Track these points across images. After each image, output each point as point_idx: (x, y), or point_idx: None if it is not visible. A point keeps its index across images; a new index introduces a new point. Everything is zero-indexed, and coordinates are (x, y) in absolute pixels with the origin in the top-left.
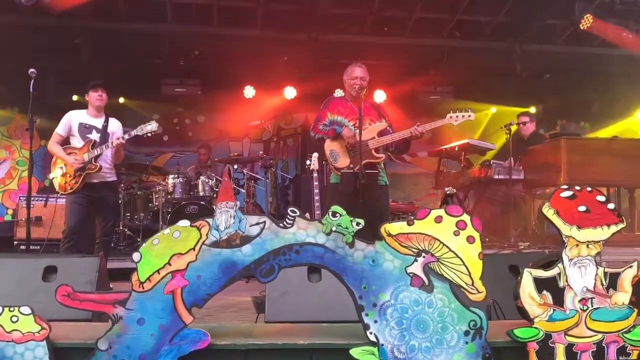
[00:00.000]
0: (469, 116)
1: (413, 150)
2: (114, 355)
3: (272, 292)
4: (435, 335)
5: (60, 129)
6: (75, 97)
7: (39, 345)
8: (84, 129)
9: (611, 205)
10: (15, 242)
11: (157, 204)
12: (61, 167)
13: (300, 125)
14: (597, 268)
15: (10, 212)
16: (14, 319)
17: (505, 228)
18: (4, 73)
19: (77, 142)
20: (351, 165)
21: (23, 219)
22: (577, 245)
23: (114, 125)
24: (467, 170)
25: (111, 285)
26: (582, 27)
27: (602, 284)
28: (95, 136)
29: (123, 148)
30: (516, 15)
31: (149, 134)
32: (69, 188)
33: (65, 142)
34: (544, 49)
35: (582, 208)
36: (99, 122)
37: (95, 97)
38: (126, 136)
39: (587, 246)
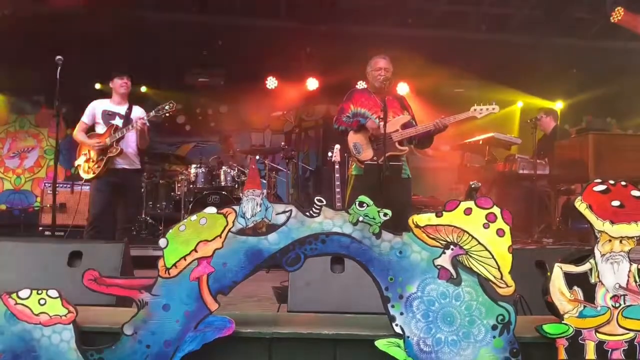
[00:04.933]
0: (493, 109)
1: (436, 143)
2: (139, 340)
3: (294, 283)
4: (462, 329)
5: (85, 117)
6: (98, 86)
7: (65, 328)
8: (107, 115)
9: None
10: (40, 228)
11: (179, 193)
12: (85, 154)
13: (322, 117)
14: (631, 264)
15: (39, 199)
16: (42, 301)
17: (529, 224)
18: (30, 62)
19: (100, 128)
20: (375, 158)
21: (48, 205)
22: (610, 240)
23: (138, 112)
24: (491, 165)
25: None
26: (613, 20)
27: (636, 281)
28: (118, 122)
29: (148, 132)
30: (544, 9)
31: (167, 114)
32: (91, 173)
33: (90, 130)
34: (572, 43)
35: (615, 203)
36: (122, 109)
37: (119, 83)
38: (145, 117)
39: (621, 242)
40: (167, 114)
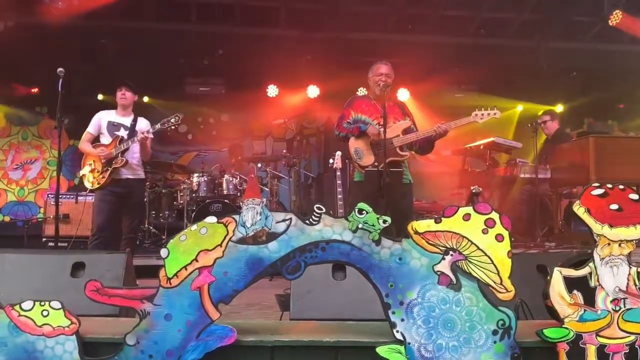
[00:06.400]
0: (495, 114)
1: (437, 149)
2: (141, 350)
3: (296, 290)
4: (462, 335)
5: (90, 128)
6: (100, 97)
7: (68, 339)
8: (112, 126)
9: None
10: (44, 239)
11: (181, 202)
12: (90, 164)
13: (323, 124)
14: (630, 268)
15: (42, 211)
16: (45, 313)
17: (531, 228)
18: (33, 74)
19: (106, 139)
20: (376, 164)
21: (51, 217)
22: (609, 244)
23: (142, 124)
24: (492, 169)
25: (137, 282)
26: (611, 23)
27: (636, 284)
28: (123, 133)
29: (150, 144)
30: (543, 12)
31: (172, 127)
32: (96, 183)
33: (96, 140)
34: (571, 47)
35: (614, 206)
36: (127, 121)
37: (119, 96)
38: (151, 130)
39: (619, 245)
40: (173, 127)
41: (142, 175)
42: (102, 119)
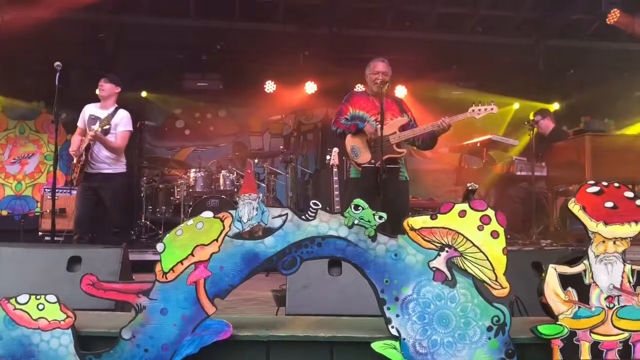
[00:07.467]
0: (492, 109)
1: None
2: (137, 344)
3: (292, 286)
4: (457, 331)
5: (79, 122)
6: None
7: (64, 333)
8: (91, 120)
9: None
10: (40, 233)
11: (178, 197)
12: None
13: (321, 120)
14: (625, 265)
15: (39, 205)
16: (40, 307)
17: (527, 225)
18: (30, 67)
19: (87, 133)
20: (372, 161)
21: (48, 211)
22: (604, 241)
23: (119, 117)
24: (489, 167)
25: (133, 277)
26: (608, 22)
27: (630, 282)
28: (97, 127)
29: (118, 140)
30: (540, 11)
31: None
32: (72, 179)
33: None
34: (568, 45)
35: (609, 204)
36: (104, 113)
37: (98, 87)
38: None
39: (614, 243)
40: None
41: (117, 169)
42: (85, 112)
